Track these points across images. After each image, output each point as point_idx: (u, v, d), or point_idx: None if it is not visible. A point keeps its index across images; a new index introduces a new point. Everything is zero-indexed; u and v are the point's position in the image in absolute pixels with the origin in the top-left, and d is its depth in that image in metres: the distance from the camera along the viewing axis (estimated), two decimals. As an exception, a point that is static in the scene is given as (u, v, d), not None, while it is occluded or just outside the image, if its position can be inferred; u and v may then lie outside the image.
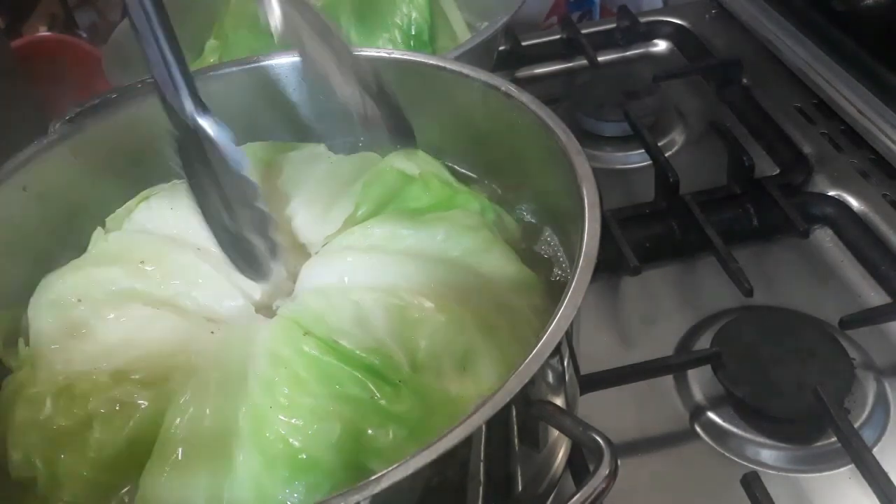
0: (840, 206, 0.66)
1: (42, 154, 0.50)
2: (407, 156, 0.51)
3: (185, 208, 0.48)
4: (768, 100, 0.77)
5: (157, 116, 0.54)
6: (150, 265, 0.46)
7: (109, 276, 0.46)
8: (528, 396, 0.35)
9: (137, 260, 0.47)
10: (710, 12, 0.91)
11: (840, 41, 0.75)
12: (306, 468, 0.36)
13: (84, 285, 0.45)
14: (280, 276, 0.46)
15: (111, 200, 0.53)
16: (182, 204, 0.49)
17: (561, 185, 0.43)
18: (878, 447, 0.49)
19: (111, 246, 0.48)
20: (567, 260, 0.48)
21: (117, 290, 0.45)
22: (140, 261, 0.46)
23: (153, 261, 0.47)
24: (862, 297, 0.59)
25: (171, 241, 0.48)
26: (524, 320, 0.43)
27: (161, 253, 0.47)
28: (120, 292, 0.45)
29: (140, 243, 0.48)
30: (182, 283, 0.46)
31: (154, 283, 0.46)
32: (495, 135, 0.51)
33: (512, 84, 0.48)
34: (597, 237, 0.38)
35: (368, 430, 0.37)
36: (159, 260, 0.47)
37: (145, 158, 0.55)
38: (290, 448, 0.36)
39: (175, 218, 0.49)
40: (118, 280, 0.46)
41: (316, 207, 0.50)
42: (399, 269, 0.43)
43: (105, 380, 0.41)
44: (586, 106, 0.79)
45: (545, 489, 0.43)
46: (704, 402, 0.53)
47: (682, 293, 0.62)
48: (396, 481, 0.29)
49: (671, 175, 0.64)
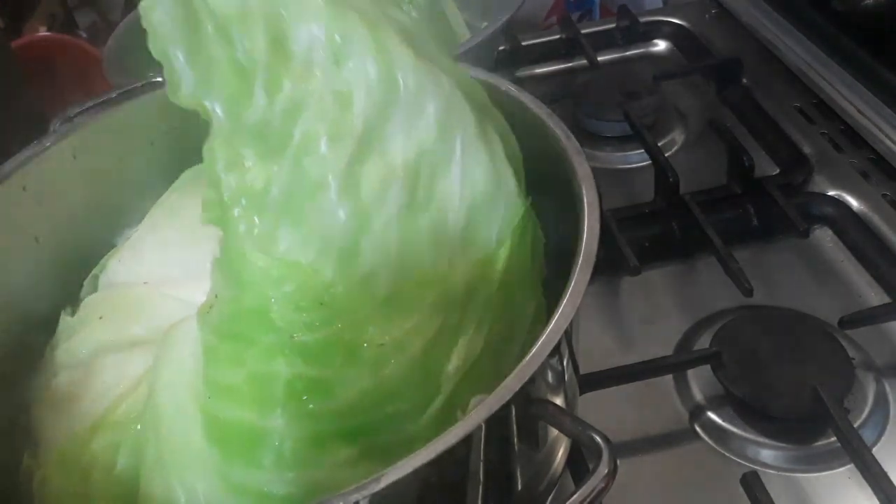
0: (840, 206, 0.66)
1: (42, 154, 0.50)
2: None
3: (128, 253, 0.48)
4: (768, 100, 0.77)
5: (156, 116, 0.55)
6: (107, 317, 0.46)
7: (78, 341, 0.45)
8: (527, 396, 0.35)
9: (96, 317, 0.46)
10: (710, 12, 0.91)
11: (840, 41, 0.75)
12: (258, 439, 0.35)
13: (57, 363, 0.45)
14: None
15: (111, 201, 0.54)
16: (127, 252, 0.49)
17: (560, 184, 0.43)
18: (877, 447, 0.49)
19: (70, 320, 0.48)
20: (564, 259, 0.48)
21: (89, 350, 0.44)
22: (98, 317, 0.46)
23: (107, 313, 0.46)
24: (862, 297, 0.59)
25: (120, 289, 0.47)
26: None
27: (112, 302, 0.46)
28: (91, 352, 0.44)
29: (94, 302, 0.48)
30: (139, 321, 0.45)
31: (115, 332, 0.45)
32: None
33: (512, 84, 0.48)
34: (596, 237, 0.38)
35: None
36: (112, 310, 0.46)
37: (145, 158, 0.55)
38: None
39: (122, 266, 0.48)
40: (86, 340, 0.45)
41: None
42: None
43: (84, 435, 0.40)
44: (586, 106, 0.79)
45: (545, 488, 0.43)
46: (704, 402, 0.53)
47: (681, 293, 0.62)
48: (396, 480, 0.29)
49: (671, 175, 0.64)
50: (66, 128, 0.51)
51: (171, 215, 0.49)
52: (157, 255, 0.48)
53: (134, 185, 0.55)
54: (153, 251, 0.48)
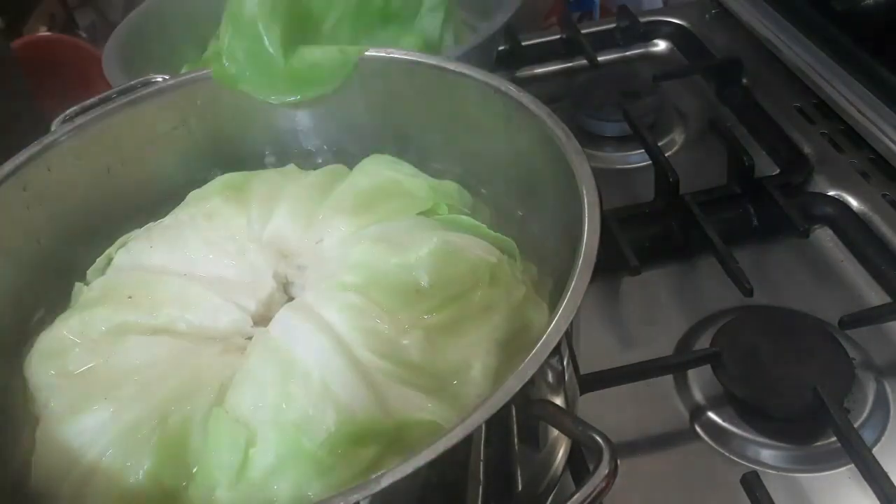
0: (840, 206, 0.66)
1: (42, 154, 0.50)
2: (390, 165, 0.52)
3: (164, 243, 0.49)
4: (768, 100, 0.77)
5: (156, 117, 0.55)
6: (137, 298, 0.46)
7: (99, 316, 0.45)
8: (527, 396, 0.35)
9: (125, 296, 0.46)
10: (710, 12, 0.91)
11: (840, 41, 0.75)
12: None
13: (77, 330, 0.45)
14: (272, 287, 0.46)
15: (111, 201, 0.54)
16: (160, 240, 0.49)
17: (561, 184, 0.43)
18: (878, 447, 0.49)
19: (94, 292, 0.48)
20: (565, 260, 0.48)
21: (109, 327, 0.45)
22: (128, 296, 0.46)
23: (140, 293, 0.46)
24: (862, 297, 0.59)
25: (155, 273, 0.47)
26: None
27: (147, 285, 0.47)
28: (113, 328, 0.45)
29: (124, 281, 0.48)
30: (174, 309, 0.45)
31: (145, 314, 0.45)
32: (494, 135, 0.51)
33: (512, 84, 0.48)
34: (597, 237, 0.38)
35: None
36: (146, 292, 0.46)
37: (145, 158, 0.55)
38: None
39: (156, 252, 0.49)
40: (109, 317, 0.45)
41: (299, 218, 0.50)
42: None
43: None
44: (586, 106, 0.79)
45: (545, 489, 0.43)
46: (704, 402, 0.53)
47: (682, 293, 0.62)
48: (396, 481, 0.29)
49: (671, 175, 0.64)
50: (66, 128, 0.51)
51: (211, 217, 0.50)
52: (200, 255, 0.48)
53: (134, 185, 0.55)
54: (195, 246, 0.48)
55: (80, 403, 0.41)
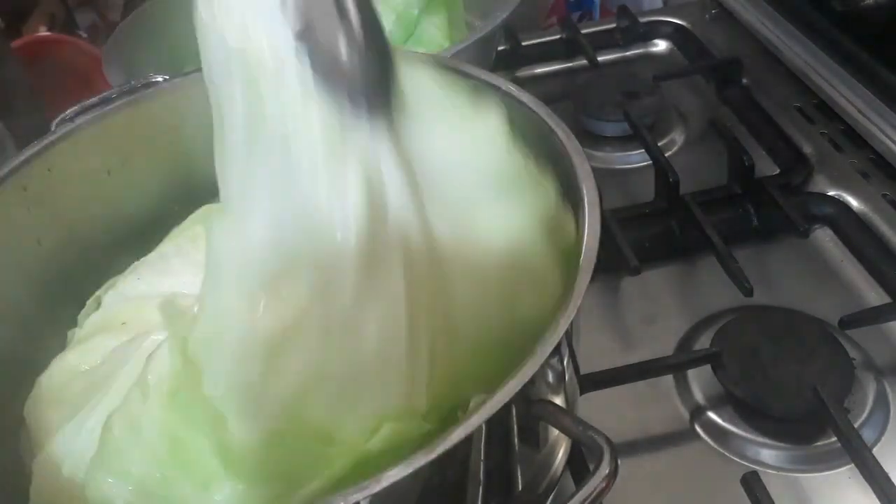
0: (840, 206, 0.66)
1: (42, 154, 0.50)
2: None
3: (152, 274, 0.49)
4: (768, 100, 0.77)
5: (156, 117, 0.55)
6: (131, 323, 0.46)
7: (97, 345, 0.46)
8: (527, 396, 0.35)
9: (118, 323, 0.47)
10: (710, 12, 0.91)
11: (840, 41, 0.75)
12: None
13: (74, 364, 0.45)
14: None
15: (112, 201, 0.54)
16: (148, 272, 0.50)
17: (561, 184, 0.43)
18: (878, 447, 0.49)
19: (87, 329, 0.48)
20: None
21: (106, 354, 0.45)
22: (122, 322, 0.46)
23: (133, 319, 0.46)
24: (862, 297, 0.59)
25: (146, 299, 0.48)
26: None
27: (139, 310, 0.47)
28: (109, 355, 0.45)
29: (115, 312, 0.48)
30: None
31: (140, 337, 0.45)
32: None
33: (512, 84, 0.48)
34: (597, 237, 0.38)
35: None
36: (139, 316, 0.46)
37: (146, 158, 0.55)
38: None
39: (143, 283, 0.49)
40: (106, 344, 0.45)
41: None
42: None
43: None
44: (586, 106, 0.79)
45: (545, 489, 0.43)
46: (704, 402, 0.53)
47: (682, 293, 0.62)
48: (396, 481, 0.29)
49: (671, 175, 0.64)
50: (66, 128, 0.51)
51: (195, 240, 0.50)
52: (189, 276, 0.48)
53: (134, 185, 0.55)
54: (182, 269, 0.49)
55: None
